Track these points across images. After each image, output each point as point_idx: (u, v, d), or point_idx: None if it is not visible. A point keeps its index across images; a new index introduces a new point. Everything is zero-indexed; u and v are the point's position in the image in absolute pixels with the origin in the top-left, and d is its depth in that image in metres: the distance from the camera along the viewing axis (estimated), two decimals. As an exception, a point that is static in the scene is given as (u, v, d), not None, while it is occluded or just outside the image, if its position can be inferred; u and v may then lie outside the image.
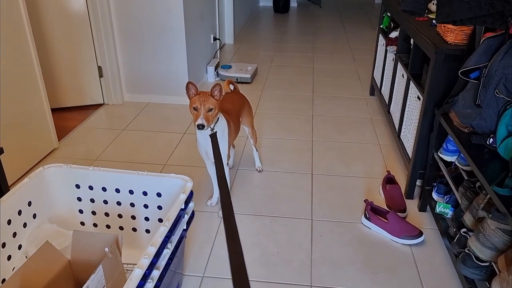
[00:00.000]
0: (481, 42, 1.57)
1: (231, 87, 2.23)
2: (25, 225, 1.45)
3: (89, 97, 3.25)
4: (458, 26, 1.75)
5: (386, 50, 2.96)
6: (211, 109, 1.68)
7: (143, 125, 2.96)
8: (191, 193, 1.42)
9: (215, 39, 4.12)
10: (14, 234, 1.40)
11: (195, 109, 1.68)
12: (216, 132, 1.69)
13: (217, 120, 1.77)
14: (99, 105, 3.28)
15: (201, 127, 1.66)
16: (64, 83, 3.12)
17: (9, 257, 1.39)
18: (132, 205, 1.58)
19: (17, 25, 2.25)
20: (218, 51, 4.25)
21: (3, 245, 1.36)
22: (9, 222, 1.37)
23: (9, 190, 1.54)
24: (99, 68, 3.17)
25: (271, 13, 6.96)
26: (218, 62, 3.97)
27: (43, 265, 1.27)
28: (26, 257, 1.44)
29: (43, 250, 1.27)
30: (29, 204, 1.46)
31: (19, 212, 1.42)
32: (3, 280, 1.36)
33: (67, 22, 2.95)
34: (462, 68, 1.59)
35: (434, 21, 2.14)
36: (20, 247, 1.44)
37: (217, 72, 3.85)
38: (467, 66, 1.56)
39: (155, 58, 3.21)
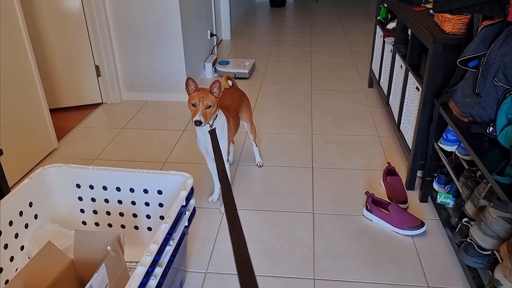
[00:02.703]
0: (479, 30, 1.57)
1: (229, 82, 2.23)
2: (26, 226, 1.45)
3: (87, 97, 3.24)
4: (455, 15, 1.74)
5: (383, 42, 2.95)
6: (209, 106, 1.68)
7: (142, 123, 2.96)
8: (192, 189, 1.42)
9: (212, 35, 4.10)
10: (16, 235, 1.41)
11: (193, 105, 1.68)
12: (215, 128, 1.69)
13: (216, 117, 1.77)
14: (98, 105, 3.27)
15: (198, 123, 1.65)
16: (61, 83, 3.11)
17: (11, 258, 1.39)
18: (133, 203, 1.58)
19: (13, 27, 2.24)
20: (215, 47, 4.24)
21: (5, 246, 1.36)
22: (10, 223, 1.37)
23: (9, 191, 1.54)
24: (97, 67, 3.16)
25: (267, 7, 6.94)
26: (216, 58, 3.96)
27: (46, 265, 1.27)
28: (28, 257, 1.44)
29: (46, 251, 1.27)
30: (30, 205, 1.46)
31: (20, 213, 1.42)
32: (6, 281, 1.36)
33: (62, 22, 2.94)
34: (461, 57, 1.58)
35: (431, 11, 2.14)
36: (22, 248, 1.44)
37: (215, 68, 3.84)
38: (465, 55, 1.55)
39: (152, 56, 3.20)
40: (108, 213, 1.62)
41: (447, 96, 1.74)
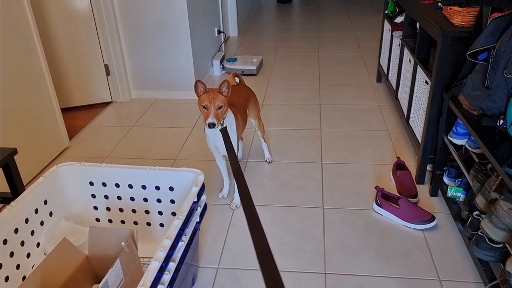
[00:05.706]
0: (488, 23, 1.56)
1: (237, 79, 2.24)
2: (42, 223, 1.48)
3: (97, 96, 3.28)
4: (464, 8, 1.73)
5: (392, 36, 2.94)
6: (220, 107, 1.68)
7: (152, 121, 2.98)
8: (203, 186, 1.44)
9: (219, 32, 4.11)
10: (32, 232, 1.44)
11: (204, 107, 1.68)
12: (226, 126, 1.70)
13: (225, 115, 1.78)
14: (107, 103, 3.31)
15: (212, 126, 1.65)
16: (71, 82, 3.15)
17: (28, 255, 1.42)
18: (146, 200, 1.60)
19: (24, 28, 2.27)
20: (223, 44, 4.25)
21: (22, 243, 1.39)
22: (26, 220, 1.40)
23: (24, 189, 1.57)
24: (106, 66, 3.19)
25: (274, 3, 6.92)
26: (223, 55, 3.97)
27: (62, 262, 1.29)
28: (44, 254, 1.47)
29: (61, 247, 1.29)
30: (45, 202, 1.49)
31: (36, 211, 1.45)
32: (24, 277, 1.39)
33: (72, 22, 2.97)
34: (470, 50, 1.57)
35: (439, 4, 2.12)
36: (38, 244, 1.47)
37: (222, 65, 3.85)
38: (474, 48, 1.55)
39: (160, 54, 3.22)
40: (121, 210, 1.64)
41: (457, 89, 1.73)
